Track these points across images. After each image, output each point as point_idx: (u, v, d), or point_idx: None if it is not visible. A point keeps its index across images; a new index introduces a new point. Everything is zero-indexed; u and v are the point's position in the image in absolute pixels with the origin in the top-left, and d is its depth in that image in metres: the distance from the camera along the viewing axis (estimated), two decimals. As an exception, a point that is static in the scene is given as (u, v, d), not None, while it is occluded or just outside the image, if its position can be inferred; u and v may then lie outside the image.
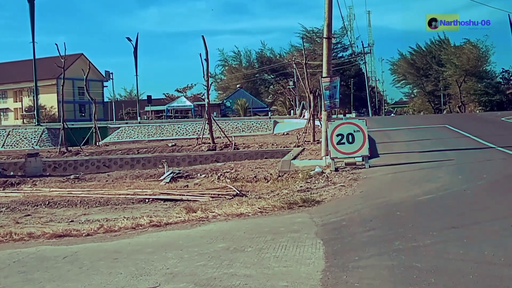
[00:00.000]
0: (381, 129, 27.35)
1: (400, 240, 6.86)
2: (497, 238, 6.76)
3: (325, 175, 14.34)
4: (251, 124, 45.08)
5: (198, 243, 7.60)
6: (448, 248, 6.39)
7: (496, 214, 8.18)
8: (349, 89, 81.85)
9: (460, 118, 37.64)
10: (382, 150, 18.38)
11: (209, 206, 11.68)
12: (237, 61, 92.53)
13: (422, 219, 8.16)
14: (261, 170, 19.80)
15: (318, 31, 76.94)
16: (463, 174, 12.38)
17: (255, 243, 7.37)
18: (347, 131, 14.78)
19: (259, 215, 9.85)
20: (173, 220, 9.60)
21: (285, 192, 12.71)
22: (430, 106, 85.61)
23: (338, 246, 6.92)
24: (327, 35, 17.81)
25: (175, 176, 19.77)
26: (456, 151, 16.95)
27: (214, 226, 9.01)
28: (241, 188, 15.13)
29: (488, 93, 70.10)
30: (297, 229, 8.15)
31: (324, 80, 17.24)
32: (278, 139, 33.21)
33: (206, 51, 31.74)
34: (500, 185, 10.96)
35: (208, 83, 33.43)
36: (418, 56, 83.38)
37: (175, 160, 25.93)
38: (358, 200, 10.36)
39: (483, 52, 72.18)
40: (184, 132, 43.56)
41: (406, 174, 13.36)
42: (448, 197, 9.89)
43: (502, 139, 19.23)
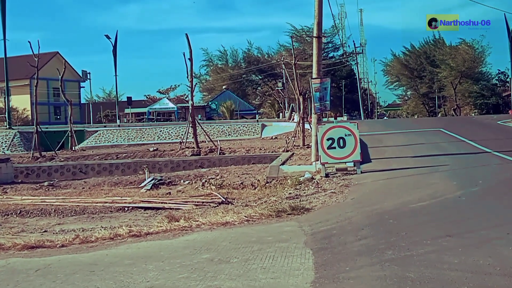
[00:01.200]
0: (373, 133, 27.51)
1: (392, 250, 6.90)
2: (493, 246, 6.83)
3: (315, 181, 14.39)
4: (238, 127, 45.09)
5: (181, 254, 7.57)
6: (443, 257, 6.44)
7: (492, 221, 8.27)
8: (340, 91, 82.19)
9: (455, 122, 37.98)
10: (375, 155, 18.49)
11: (193, 214, 11.66)
12: (223, 61, 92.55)
13: (416, 227, 8.22)
14: (248, 176, 19.80)
15: (308, 30, 77.18)
16: (457, 180, 12.50)
17: (241, 253, 7.37)
18: (338, 135, 14.86)
19: (245, 224, 9.86)
20: (154, 230, 9.56)
21: (273, 199, 12.73)
22: (424, 109, 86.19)
23: (328, 256, 6.95)
24: (317, 34, 17.91)
25: (157, 183, 19.70)
26: (450, 156, 17.11)
27: (198, 235, 8.99)
28: (227, 195, 15.13)
29: (484, 96, 70.73)
30: (286, 238, 8.17)
31: (314, 81, 17.32)
32: (266, 143, 33.24)
33: (190, 50, 31.73)
34: (496, 192, 11.09)
35: (192, 84, 33.39)
36: (412, 57, 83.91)
37: (156, 166, 25.85)
38: (349, 208, 10.41)
39: (479, 53, 72.84)
40: (166, 136, 43.42)
41: (399, 180, 13.45)
42: (442, 204, 9.98)
43: (498, 144, 19.46)
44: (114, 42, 60.03)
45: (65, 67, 42.47)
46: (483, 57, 73.45)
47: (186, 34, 31.55)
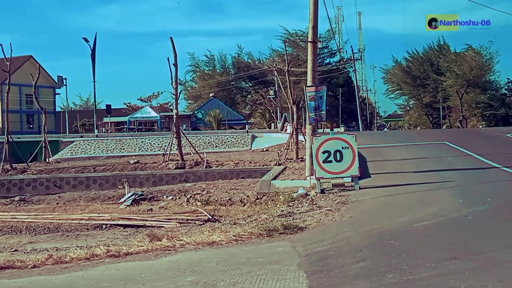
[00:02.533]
0: (372, 145, 27.58)
1: (394, 273, 6.89)
2: (502, 270, 6.84)
3: (310, 197, 14.39)
4: (226, 138, 45.09)
5: (163, 277, 7.53)
6: (448, 282, 6.44)
7: (501, 243, 8.29)
8: (337, 100, 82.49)
9: (461, 134, 38.18)
10: (374, 169, 18.53)
11: (177, 233, 11.64)
12: (211, 67, 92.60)
13: (419, 248, 8.22)
14: (237, 191, 19.79)
15: (302, 34, 77.60)
16: (464, 198, 12.54)
17: (229, 276, 7.34)
18: (334, 147, 14.89)
19: (234, 243, 9.84)
20: (134, 250, 9.53)
21: (264, 217, 12.71)
22: (427, 120, 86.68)
23: (324, 279, 6.93)
24: (312, 39, 17.99)
25: (138, 198, 19.65)
26: (456, 172, 17.18)
27: (182, 256, 8.97)
28: (214, 212, 15.10)
29: (492, 106, 71.13)
30: (277, 260, 8.15)
31: (309, 89, 17.37)
32: (257, 156, 33.26)
33: (175, 54, 31.77)
34: (505, 210, 11.13)
35: (177, 92, 33.42)
36: (415, 64, 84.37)
37: (137, 180, 25.78)
38: (346, 227, 10.41)
39: (486, 60, 73.41)
40: (148, 147, 43.33)
41: (400, 197, 13.48)
42: (447, 224, 10.01)
43: (507, 158, 19.56)
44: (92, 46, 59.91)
45: (39, 72, 42.34)
46: (491, 64, 74.03)
47: (170, 38, 31.66)
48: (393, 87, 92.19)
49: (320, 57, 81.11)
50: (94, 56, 60.44)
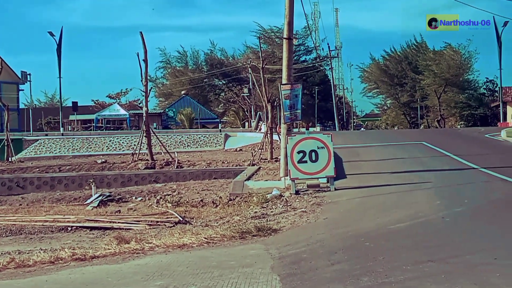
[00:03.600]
0: (349, 145, 27.78)
1: (369, 276, 6.95)
2: (479, 273, 6.93)
3: (284, 198, 14.44)
4: (198, 138, 44.97)
5: (131, 281, 7.50)
6: (424, 285, 6.51)
7: (478, 245, 8.42)
8: (313, 98, 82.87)
9: (439, 134, 38.66)
10: (350, 170, 18.67)
11: (146, 235, 11.58)
12: (182, 63, 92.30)
13: (395, 251, 8.31)
14: (209, 192, 19.76)
15: (278, 31, 77.85)
16: (441, 199, 12.70)
17: (199, 280, 7.33)
18: (310, 147, 14.96)
19: (205, 246, 9.83)
20: (101, 253, 9.47)
21: (236, 219, 12.72)
22: (405, 120, 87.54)
23: (298, 283, 6.96)
24: (287, 35, 18.05)
25: (105, 200, 19.48)
26: (434, 172, 17.39)
27: (151, 259, 8.93)
28: (185, 214, 15.06)
29: (470, 106, 72.15)
30: (250, 263, 8.16)
31: (284, 87, 17.43)
32: (230, 156, 33.24)
33: (145, 50, 31.59)
34: (483, 212, 11.31)
35: (147, 89, 33.21)
36: (392, 62, 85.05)
37: (105, 180, 25.58)
38: (321, 229, 10.47)
39: (465, 59, 74.35)
40: (117, 146, 43.01)
41: (376, 198, 13.61)
42: (424, 226, 10.12)
43: (485, 159, 19.88)
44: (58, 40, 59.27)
45: (1, 67, 41.77)
46: (470, 63, 75.02)
47: (140, 33, 31.44)
48: (370, 86, 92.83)
49: (296, 54, 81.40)
50: (60, 51, 59.78)
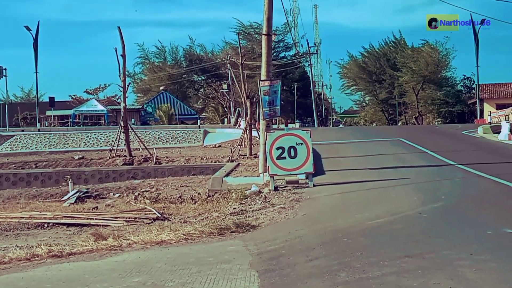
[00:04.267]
0: (328, 142, 27.88)
1: (346, 271, 7.00)
2: (454, 268, 7.02)
3: (263, 195, 14.47)
4: (177, 134, 44.84)
5: (108, 277, 7.46)
6: (401, 280, 6.58)
7: (454, 241, 8.52)
8: (292, 95, 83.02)
9: (417, 131, 38.97)
10: (329, 166, 18.75)
11: (123, 232, 11.53)
12: (161, 59, 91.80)
13: (372, 247, 8.37)
14: (188, 188, 19.73)
15: (257, 27, 77.74)
16: (418, 195, 12.82)
17: (177, 276, 7.32)
18: (288, 143, 15.00)
19: (183, 242, 9.82)
20: (78, 250, 9.43)
21: (215, 215, 12.72)
22: (383, 117, 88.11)
23: (276, 279, 6.98)
24: (266, 31, 18.06)
25: (82, 196, 19.39)
26: (411, 169, 17.54)
27: (129, 256, 8.90)
28: (163, 210, 15.01)
29: (448, 103, 72.83)
30: (229, 259, 8.17)
31: (263, 83, 17.44)
32: (209, 152, 33.19)
33: (123, 45, 31.40)
34: (460, 208, 11.43)
35: (125, 84, 33.03)
36: (371, 59, 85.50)
37: (82, 177, 25.44)
38: (300, 225, 10.51)
39: (443, 56, 74.97)
40: (94, 142, 42.73)
41: (355, 194, 13.68)
42: (401, 222, 10.21)
43: (462, 156, 20.10)
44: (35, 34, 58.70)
45: (-24, 61, 41.20)
46: (447, 60, 75.65)
47: (118, 27, 31.22)
48: (349, 83, 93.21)
49: (276, 50, 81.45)
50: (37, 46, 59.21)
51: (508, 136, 27.82)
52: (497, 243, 8.36)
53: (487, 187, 13.89)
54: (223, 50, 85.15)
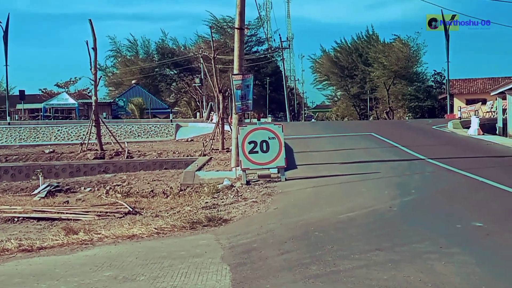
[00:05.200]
0: (300, 136, 28.00)
1: (317, 265, 7.05)
2: (424, 261, 7.11)
3: (235, 189, 14.47)
4: (149, 128, 44.62)
5: (79, 272, 7.41)
6: (371, 273, 6.64)
7: (424, 234, 8.62)
8: (265, 89, 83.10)
9: (387, 126, 39.33)
10: (301, 160, 18.82)
11: (95, 226, 11.46)
12: (133, 52, 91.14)
13: (343, 240, 8.43)
14: (160, 183, 19.62)
15: (230, 20, 77.61)
16: (389, 189, 12.94)
17: (149, 270, 7.30)
18: (261, 138, 15.03)
19: (155, 236, 9.80)
20: (48, 244, 9.35)
21: (187, 209, 12.68)
22: (355, 111, 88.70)
23: (248, 272, 7.00)
24: (239, 25, 18.04)
25: (53, 190, 19.15)
26: (382, 163, 17.70)
27: (100, 250, 8.85)
28: (135, 204, 14.92)
29: (418, 98, 73.56)
30: (200, 253, 8.17)
31: (236, 77, 17.42)
32: (181, 146, 33.08)
33: (94, 38, 31.09)
34: (429, 202, 11.57)
35: (96, 78, 32.74)
36: (343, 54, 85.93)
37: (53, 170, 25.17)
38: (272, 219, 10.54)
39: (414, 51, 75.63)
40: (65, 136, 42.32)
41: (326, 188, 13.77)
42: (372, 215, 10.31)
43: (432, 150, 20.34)
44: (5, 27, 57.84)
45: None
46: (418, 56, 76.35)
47: (89, 20, 30.90)
48: (321, 78, 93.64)
49: (248, 45, 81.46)
50: (7, 38, 58.35)
51: (477, 131, 28.24)
52: (466, 236, 8.49)
53: (456, 181, 14.08)
54: (195, 44, 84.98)
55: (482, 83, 65.19)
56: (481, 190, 12.77)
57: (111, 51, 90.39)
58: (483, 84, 64.53)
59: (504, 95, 32.36)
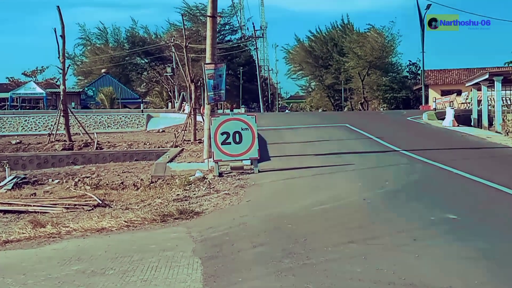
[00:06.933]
0: (273, 127, 28.05)
1: (290, 258, 7.09)
2: (398, 254, 7.21)
3: (207, 181, 14.47)
4: (119, 118, 44.31)
5: (47, 266, 7.36)
6: (344, 266, 6.71)
7: (398, 227, 8.72)
8: (238, 79, 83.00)
9: (362, 117, 39.63)
10: (274, 152, 18.87)
11: (63, 219, 11.36)
12: (103, 40, 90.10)
13: (317, 233, 8.49)
14: (130, 174, 19.57)
15: (203, 8, 77.16)
16: (363, 181, 13.05)
17: (118, 264, 7.27)
18: (233, 129, 15.03)
19: (125, 229, 9.77)
20: (15, 237, 9.30)
21: (158, 201, 12.65)
22: (329, 102, 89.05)
23: (219, 266, 7.01)
24: (211, 13, 17.96)
25: (20, 182, 18.98)
26: (356, 155, 17.83)
27: (68, 244, 8.80)
28: (104, 197, 14.83)
29: (393, 89, 74.01)
30: (171, 246, 8.16)
31: (208, 66, 17.36)
32: (152, 137, 32.94)
33: (62, 25, 30.70)
34: (403, 194, 11.70)
35: (64, 66, 32.34)
36: (318, 43, 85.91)
37: (20, 162, 24.91)
38: (244, 211, 10.56)
39: (388, 41, 75.99)
40: (32, 126, 41.85)
41: (300, 180, 13.83)
42: (346, 208, 10.38)
43: (407, 142, 20.53)
44: (-32, 12, 56.94)
45: None
46: (393, 46, 76.65)
47: (57, 7, 30.49)
48: (295, 68, 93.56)
49: (221, 33, 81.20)
50: (-29, 25, 57.44)
51: (452, 122, 28.56)
52: (439, 228, 8.60)
53: (431, 173, 14.25)
54: (167, 32, 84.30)
55: (458, 73, 65.87)
56: (455, 182, 12.94)
57: (80, 39, 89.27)
58: (458, 75, 65.22)
59: (479, 86, 32.77)
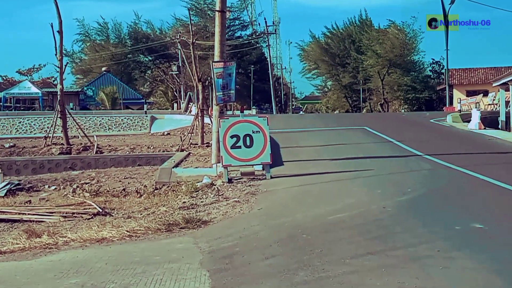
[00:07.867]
0: (287, 130, 28.04)
1: (305, 270, 7.06)
2: (420, 266, 7.16)
3: (216, 187, 14.46)
4: (121, 120, 44.52)
5: (42, 279, 7.38)
6: (363, 279, 6.67)
7: (421, 237, 8.66)
8: (249, 78, 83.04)
9: (382, 119, 39.52)
10: (288, 156, 18.84)
11: (60, 228, 11.39)
12: (103, 36, 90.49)
13: (333, 243, 8.46)
14: (132, 180, 19.58)
15: (211, 2, 77.41)
16: (382, 188, 12.99)
17: (120, 277, 7.28)
18: (244, 131, 15.01)
19: (127, 240, 9.77)
20: (8, 248, 9.32)
21: (163, 210, 12.66)
22: (347, 103, 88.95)
23: (229, 279, 7.00)
24: (220, 8, 17.98)
25: (14, 189, 19.04)
26: (375, 159, 17.76)
27: (66, 255, 8.80)
28: (105, 204, 14.86)
29: (415, 89, 73.76)
30: (177, 257, 8.16)
31: (217, 65, 17.38)
32: (156, 140, 33.04)
33: (60, 20, 30.92)
34: (426, 202, 11.64)
35: (62, 64, 32.55)
36: (334, 40, 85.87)
37: (13, 167, 25.04)
38: (255, 220, 10.55)
39: (409, 38, 75.72)
40: (27, 128, 42.13)
41: (315, 187, 13.79)
42: (364, 217, 10.33)
43: (429, 145, 20.45)
44: (-40, 7, 57.43)
45: None
46: (415, 43, 76.40)
47: (54, 0, 30.70)
48: (310, 66, 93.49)
49: (231, 29, 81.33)
50: (-37, 20, 57.89)
51: (478, 125, 28.43)
52: (465, 239, 8.54)
53: (455, 180, 14.18)
54: (173, 28, 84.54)
55: (484, 73, 65.56)
56: (482, 189, 12.87)
57: (79, 35, 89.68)
58: (485, 74, 64.92)
59: (507, 86, 32.62)
